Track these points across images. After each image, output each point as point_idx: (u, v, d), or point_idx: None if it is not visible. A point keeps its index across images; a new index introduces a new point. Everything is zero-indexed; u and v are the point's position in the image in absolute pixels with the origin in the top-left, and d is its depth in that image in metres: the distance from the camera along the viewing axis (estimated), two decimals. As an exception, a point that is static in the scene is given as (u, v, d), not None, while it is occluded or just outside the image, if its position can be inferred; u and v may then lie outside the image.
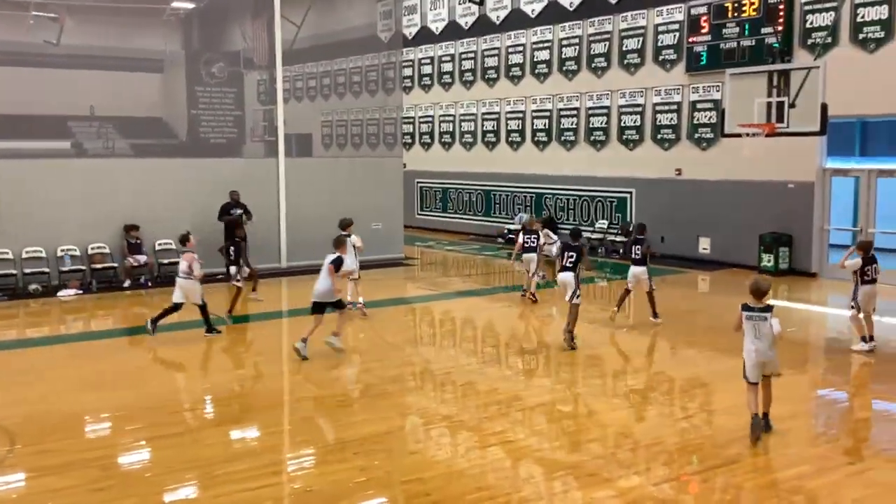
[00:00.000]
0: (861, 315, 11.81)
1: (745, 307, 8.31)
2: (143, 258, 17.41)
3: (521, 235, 15.96)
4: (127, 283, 17.08)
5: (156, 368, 11.29)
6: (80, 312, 15.54)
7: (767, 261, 18.47)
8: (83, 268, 17.08)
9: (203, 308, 12.77)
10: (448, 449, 8.21)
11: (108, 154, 20.46)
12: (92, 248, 17.26)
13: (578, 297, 12.11)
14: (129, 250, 17.32)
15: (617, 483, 7.25)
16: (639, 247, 13.62)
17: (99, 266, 17.18)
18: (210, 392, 10.23)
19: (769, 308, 8.28)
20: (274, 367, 11.96)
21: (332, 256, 11.67)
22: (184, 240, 13.32)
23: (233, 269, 14.57)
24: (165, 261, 17.85)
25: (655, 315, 13.74)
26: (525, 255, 15.85)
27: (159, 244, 17.96)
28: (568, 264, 12.37)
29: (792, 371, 10.85)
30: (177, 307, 12.70)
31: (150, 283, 17.23)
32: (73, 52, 21.10)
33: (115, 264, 17.35)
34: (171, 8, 23.61)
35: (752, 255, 18.77)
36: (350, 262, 13.61)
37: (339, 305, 11.75)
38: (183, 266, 12.78)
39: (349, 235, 13.93)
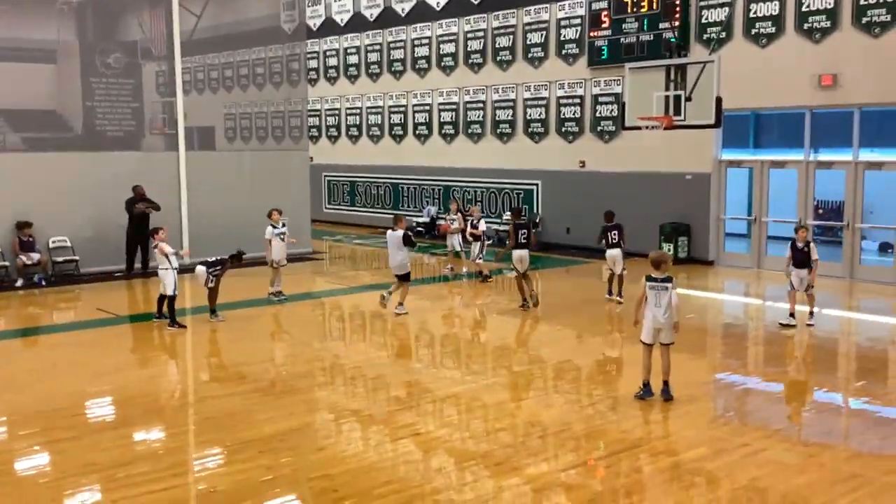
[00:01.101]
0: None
1: (649, 278, 9.09)
2: (36, 256, 16.69)
3: (482, 223, 17.24)
4: (20, 283, 16.36)
5: (52, 370, 10.83)
6: (-31, 314, 14.81)
7: (667, 250, 18.97)
8: (-29, 267, 16.30)
9: (172, 300, 12.73)
10: (357, 444, 8.15)
11: (-2, 148, 19.53)
12: (-19, 247, 16.48)
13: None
14: (22, 248, 16.58)
15: (526, 471, 7.34)
16: (615, 232, 14.85)
17: (-12, 265, 16.42)
18: (110, 393, 9.88)
19: (670, 279, 9.05)
20: (177, 366, 11.66)
21: (399, 233, 13.34)
22: (153, 232, 13.25)
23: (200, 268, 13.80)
24: (60, 259, 17.20)
25: (620, 295, 14.70)
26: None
27: (53, 241, 17.27)
28: (523, 241, 14.32)
29: (690, 355, 11.22)
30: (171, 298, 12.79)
31: (44, 282, 16.54)
32: (-43, 42, 20.07)
33: (7, 263, 16.60)
34: (64, -4, 22.67)
35: (654, 245, 19.23)
36: (276, 251, 14.93)
37: (406, 278, 13.63)
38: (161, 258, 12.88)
39: (278, 225, 15.02)
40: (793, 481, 7.10)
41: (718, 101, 14.08)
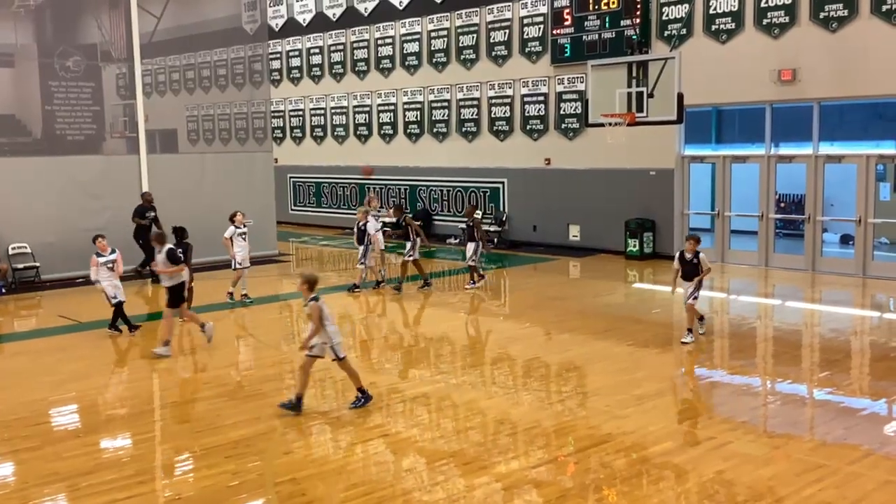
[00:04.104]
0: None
1: (317, 298, 8.87)
2: (-5, 264, 16.40)
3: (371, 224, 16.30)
4: (-22, 291, 16.07)
5: (13, 379, 10.63)
6: (-74, 324, 14.49)
7: (633, 246, 19.15)
8: (-72, 276, 15.95)
9: (120, 305, 12.61)
10: (326, 446, 8.10)
11: (-45, 154, 19.17)
12: (-63, 255, 16.14)
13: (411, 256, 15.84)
14: (-20, 256, 16.29)
15: (496, 468, 7.34)
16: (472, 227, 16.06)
17: (-54, 273, 16.08)
18: (72, 401, 9.72)
19: None
20: (140, 372, 11.49)
21: (164, 250, 11.65)
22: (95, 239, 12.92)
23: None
24: (20, 265, 16.90)
25: (474, 282, 16.14)
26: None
27: (13, 248, 16.96)
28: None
29: (657, 350, 11.31)
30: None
31: (3, 290, 16.24)
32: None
33: (-35, 271, 16.28)
34: (21, -1, 22.29)
35: (619, 241, 19.43)
36: (240, 252, 14.85)
37: (172, 298, 11.66)
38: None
39: (240, 226, 15.02)
40: (758, 473, 7.16)
41: (680, 97, 14.18)
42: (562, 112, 20.78)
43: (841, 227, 19.29)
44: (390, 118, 25.15)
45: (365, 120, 25.99)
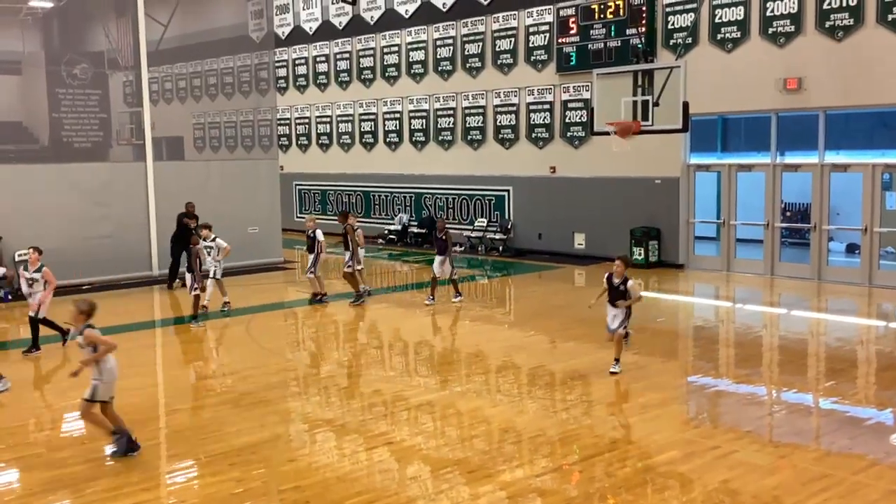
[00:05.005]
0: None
1: (92, 326, 8.11)
2: (2, 270, 16.35)
3: (319, 233, 15.71)
4: (-15, 298, 16.12)
5: (15, 386, 10.62)
6: (-68, 330, 14.54)
7: (638, 254, 19.11)
8: (-66, 282, 16.01)
9: (44, 322, 12.26)
10: (330, 454, 8.09)
11: (-38, 161, 19.25)
12: (-56, 261, 16.18)
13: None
14: (-13, 262, 16.32)
15: (501, 477, 7.33)
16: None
17: (-48, 280, 16.12)
18: (76, 408, 9.70)
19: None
20: (145, 379, 11.51)
21: None
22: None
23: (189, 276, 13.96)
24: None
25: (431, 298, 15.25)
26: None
27: (19, 255, 16.97)
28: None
29: (662, 359, 11.30)
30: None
31: (10, 297, 16.29)
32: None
33: (-29, 278, 16.31)
34: (29, 7, 22.39)
35: (625, 249, 19.37)
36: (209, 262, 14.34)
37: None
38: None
39: (205, 239, 14.54)
40: (763, 482, 7.14)
41: (685, 105, 14.19)
42: (567, 120, 20.79)
43: (847, 236, 19.25)
44: (396, 126, 25.19)
45: (371, 128, 26.04)
